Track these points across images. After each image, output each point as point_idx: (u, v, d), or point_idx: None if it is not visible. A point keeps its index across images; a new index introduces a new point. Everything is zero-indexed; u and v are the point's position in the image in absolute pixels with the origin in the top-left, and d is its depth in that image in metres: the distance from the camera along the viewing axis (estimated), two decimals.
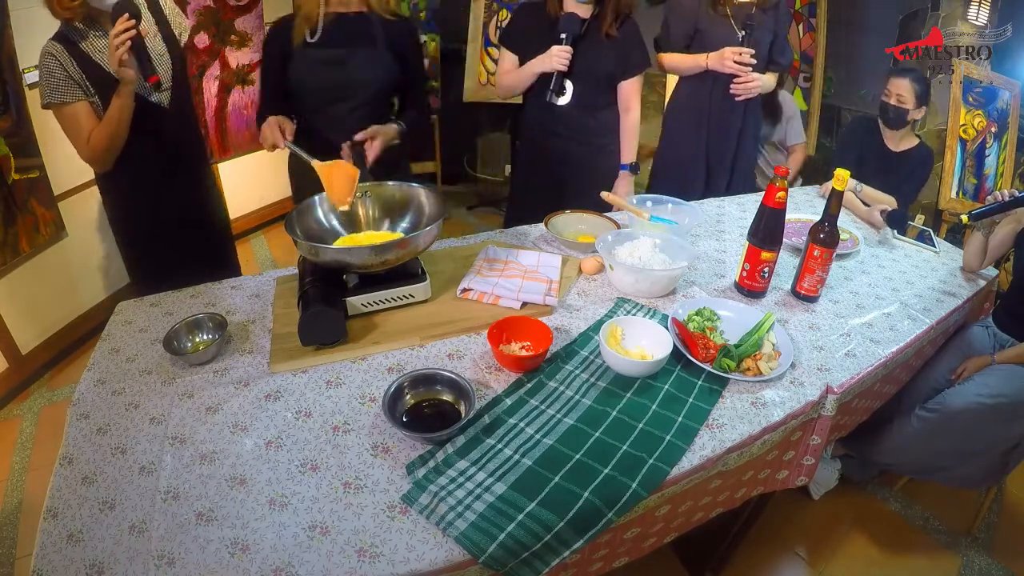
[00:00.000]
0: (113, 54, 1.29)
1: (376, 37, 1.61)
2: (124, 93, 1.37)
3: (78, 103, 1.38)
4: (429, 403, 1.05)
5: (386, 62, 1.62)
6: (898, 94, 2.02)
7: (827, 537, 1.79)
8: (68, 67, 1.35)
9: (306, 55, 1.57)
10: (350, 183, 1.33)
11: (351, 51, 1.59)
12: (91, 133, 1.41)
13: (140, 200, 1.61)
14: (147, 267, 1.71)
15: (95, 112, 1.42)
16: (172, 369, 1.13)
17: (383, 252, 1.18)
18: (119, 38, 1.27)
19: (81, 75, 1.37)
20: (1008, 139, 2.74)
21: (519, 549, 0.83)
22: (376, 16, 1.61)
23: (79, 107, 1.39)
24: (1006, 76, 2.73)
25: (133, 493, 0.89)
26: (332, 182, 1.33)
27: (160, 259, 1.67)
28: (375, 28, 1.60)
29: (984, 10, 2.67)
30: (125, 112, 1.40)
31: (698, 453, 0.99)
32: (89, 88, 1.39)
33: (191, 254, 1.74)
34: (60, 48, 1.33)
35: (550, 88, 1.81)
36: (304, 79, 1.59)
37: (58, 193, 2.37)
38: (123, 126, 1.42)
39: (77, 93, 1.38)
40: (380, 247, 1.17)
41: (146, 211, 1.62)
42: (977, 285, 1.63)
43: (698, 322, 1.25)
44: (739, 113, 2.05)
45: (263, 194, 3.53)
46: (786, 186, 1.30)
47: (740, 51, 1.89)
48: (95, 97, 1.41)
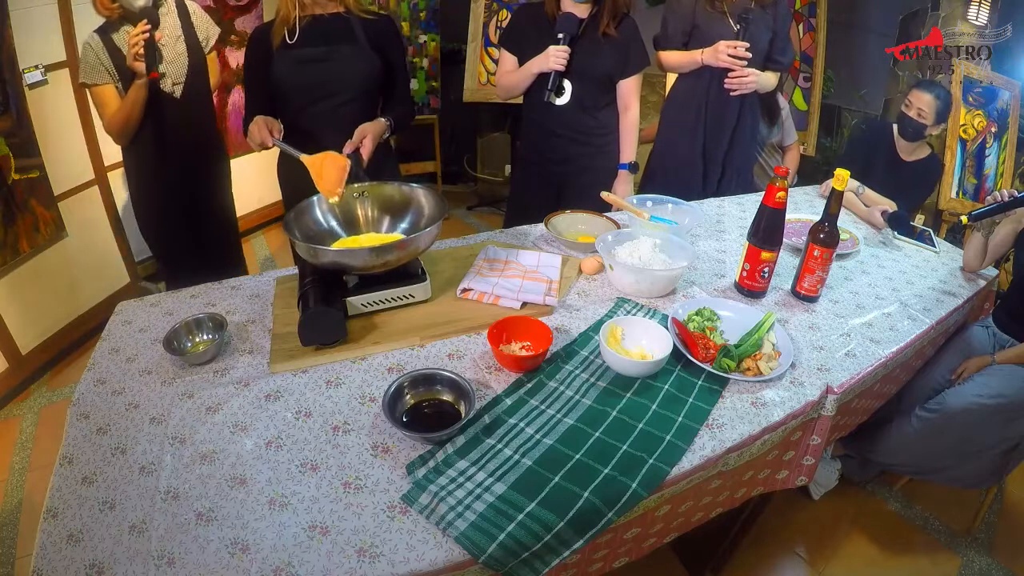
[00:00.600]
0: (129, 51, 1.58)
1: (355, 35, 1.61)
2: (139, 83, 1.64)
3: (105, 85, 1.68)
4: (429, 403, 1.05)
5: (366, 58, 1.63)
6: (920, 108, 2.01)
7: (827, 537, 1.79)
8: (100, 55, 1.64)
9: (285, 56, 1.58)
10: (340, 172, 1.34)
11: (329, 49, 1.59)
12: (113, 112, 1.70)
13: (153, 180, 1.86)
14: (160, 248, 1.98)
15: (119, 94, 1.70)
16: (172, 369, 1.13)
17: (383, 254, 1.17)
18: (135, 38, 1.56)
19: (110, 62, 1.66)
20: (1008, 139, 2.75)
21: (519, 549, 0.83)
22: (353, 16, 1.62)
23: (106, 89, 1.69)
24: (1006, 76, 2.73)
25: (133, 493, 0.89)
26: (322, 172, 1.34)
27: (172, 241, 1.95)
28: (353, 26, 1.62)
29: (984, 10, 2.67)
30: (139, 98, 1.67)
31: (698, 453, 0.99)
32: (115, 74, 1.68)
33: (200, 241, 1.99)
34: (97, 39, 1.64)
35: (548, 88, 1.81)
36: (285, 79, 1.60)
37: (58, 193, 2.37)
38: (137, 108, 1.69)
39: (105, 77, 1.67)
40: (379, 249, 1.17)
41: (157, 191, 1.87)
42: (977, 285, 1.63)
43: (698, 322, 1.25)
44: (735, 110, 2.05)
45: (263, 194, 3.52)
46: (786, 186, 1.30)
47: (734, 44, 1.89)
48: (119, 82, 1.69)
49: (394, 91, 1.74)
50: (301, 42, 1.57)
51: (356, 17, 1.62)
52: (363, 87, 1.66)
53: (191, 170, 1.91)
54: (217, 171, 2.02)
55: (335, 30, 1.60)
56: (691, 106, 2.08)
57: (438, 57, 3.67)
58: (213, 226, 2.04)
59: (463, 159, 4.07)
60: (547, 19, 1.82)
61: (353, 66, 1.62)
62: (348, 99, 1.63)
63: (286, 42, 1.57)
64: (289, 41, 1.57)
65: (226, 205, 2.10)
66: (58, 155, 2.34)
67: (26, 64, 2.16)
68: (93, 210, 2.60)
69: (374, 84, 1.68)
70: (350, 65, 1.62)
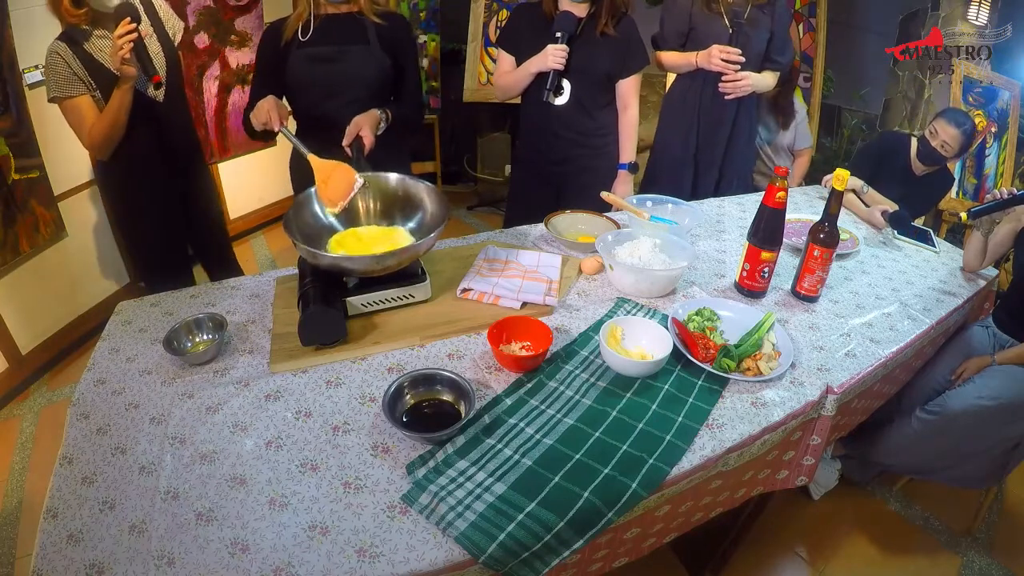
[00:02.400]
0: (116, 53, 1.41)
1: (368, 35, 1.62)
2: (124, 88, 1.49)
3: (81, 97, 1.51)
4: (429, 403, 1.05)
5: (377, 59, 1.63)
6: (944, 141, 1.99)
7: (827, 537, 1.79)
8: (72, 64, 1.47)
9: (298, 54, 1.58)
10: (347, 187, 1.32)
11: (342, 48, 1.59)
12: (92, 124, 1.53)
13: (135, 190, 1.72)
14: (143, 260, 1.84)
15: (96, 105, 1.54)
16: (172, 369, 1.13)
17: (384, 260, 1.17)
18: (123, 39, 1.39)
19: (84, 71, 1.49)
20: (1008, 139, 2.75)
21: (519, 549, 0.83)
22: (367, 16, 1.62)
23: (82, 100, 1.51)
24: (1006, 76, 2.73)
25: (133, 493, 0.89)
26: (328, 181, 1.32)
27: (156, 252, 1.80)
28: (366, 27, 1.62)
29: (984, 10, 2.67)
30: (124, 105, 1.51)
31: (698, 453, 0.99)
32: (91, 83, 1.51)
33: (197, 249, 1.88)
34: (64, 47, 1.46)
35: (547, 87, 1.80)
36: (296, 77, 1.60)
37: (58, 193, 2.38)
38: (122, 117, 1.53)
39: (80, 88, 1.50)
40: (381, 256, 1.16)
41: (141, 202, 1.74)
42: (977, 285, 1.63)
43: (698, 322, 1.25)
44: (731, 111, 2.05)
45: (263, 194, 3.53)
46: (786, 186, 1.30)
47: (727, 49, 1.89)
48: (97, 91, 1.53)
49: (400, 88, 1.74)
50: (314, 40, 1.58)
51: (369, 18, 1.62)
52: (372, 87, 1.65)
53: (181, 175, 1.80)
54: (204, 173, 1.93)
55: (348, 30, 1.60)
56: (686, 107, 2.08)
57: (438, 57, 3.67)
58: (207, 232, 1.95)
59: (463, 159, 4.07)
60: (544, 19, 1.81)
61: (363, 66, 1.62)
62: (357, 98, 1.62)
63: (299, 39, 1.57)
64: (302, 38, 1.57)
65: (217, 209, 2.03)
66: (58, 155, 2.34)
67: (26, 64, 2.16)
68: (93, 210, 2.60)
69: (384, 84, 1.67)
70: (361, 65, 1.61)
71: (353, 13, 1.61)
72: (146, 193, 1.72)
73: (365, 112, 1.56)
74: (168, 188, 1.76)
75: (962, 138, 1.98)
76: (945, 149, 2.00)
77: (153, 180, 1.72)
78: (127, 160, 1.64)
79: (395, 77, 1.69)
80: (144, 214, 1.76)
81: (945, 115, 2.03)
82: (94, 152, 1.63)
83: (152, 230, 1.78)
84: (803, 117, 2.65)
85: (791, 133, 2.62)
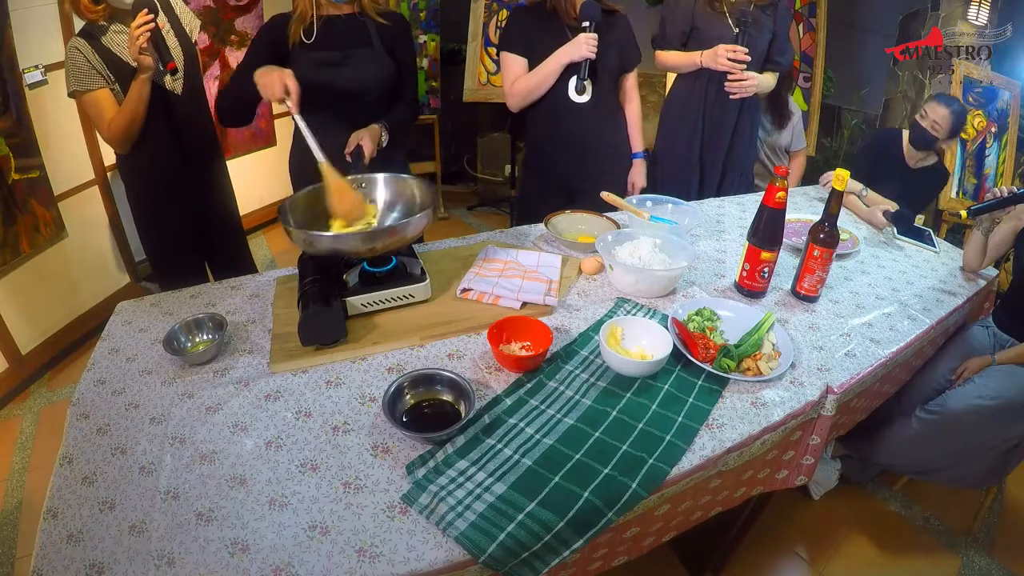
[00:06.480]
0: (133, 44, 1.45)
1: (371, 38, 1.61)
2: (142, 79, 1.51)
3: (100, 90, 1.54)
4: (429, 403, 1.05)
5: (381, 62, 1.62)
6: (935, 120, 2.01)
7: (827, 537, 1.79)
8: (91, 59, 1.51)
9: (302, 56, 1.56)
10: (357, 211, 1.32)
11: (347, 53, 1.58)
12: (112, 117, 1.56)
13: (155, 183, 1.75)
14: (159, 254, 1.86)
15: (115, 98, 1.58)
16: (172, 369, 1.13)
17: (371, 240, 1.18)
18: (139, 29, 1.43)
19: (103, 65, 1.53)
20: (1008, 139, 2.75)
21: (519, 549, 0.83)
22: (369, 18, 1.61)
23: (101, 94, 1.55)
24: (1006, 76, 2.73)
25: (133, 493, 0.89)
26: (343, 200, 1.31)
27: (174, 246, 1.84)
28: (369, 30, 1.61)
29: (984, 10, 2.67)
30: (143, 96, 1.54)
31: (698, 453, 0.99)
32: (110, 77, 1.55)
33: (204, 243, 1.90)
34: (83, 43, 1.50)
35: (580, 77, 1.76)
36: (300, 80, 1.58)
37: (58, 193, 2.38)
38: (141, 109, 1.56)
39: (99, 81, 1.53)
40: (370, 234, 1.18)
41: (160, 195, 1.76)
42: (977, 285, 1.63)
43: (698, 322, 1.25)
44: (734, 112, 2.05)
45: (263, 194, 3.53)
46: (786, 186, 1.30)
47: (734, 48, 1.89)
48: (115, 85, 1.56)
49: (400, 89, 1.73)
50: (318, 44, 1.56)
51: (371, 19, 1.61)
52: (377, 90, 1.65)
53: (199, 169, 1.82)
54: (221, 169, 1.96)
55: (352, 33, 1.59)
56: (690, 108, 2.08)
57: (438, 57, 3.67)
58: (223, 228, 1.96)
59: (463, 159, 4.08)
60: (550, 15, 1.80)
61: (368, 70, 1.61)
62: (362, 102, 1.62)
63: (303, 41, 1.56)
64: (306, 40, 1.56)
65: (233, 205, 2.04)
66: (58, 155, 2.34)
67: (26, 64, 2.16)
68: (93, 210, 2.60)
69: (388, 87, 1.67)
70: (366, 70, 1.61)
71: (355, 14, 1.60)
72: (165, 187, 1.74)
73: (366, 127, 1.57)
74: (186, 183, 1.78)
75: (952, 118, 2.00)
76: (936, 129, 2.01)
77: (172, 174, 1.74)
78: (146, 153, 1.67)
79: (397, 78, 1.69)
80: (162, 209, 1.77)
81: (935, 98, 2.07)
82: (114, 145, 1.66)
83: (168, 223, 1.80)
84: (799, 118, 2.65)
85: (788, 134, 2.62)
